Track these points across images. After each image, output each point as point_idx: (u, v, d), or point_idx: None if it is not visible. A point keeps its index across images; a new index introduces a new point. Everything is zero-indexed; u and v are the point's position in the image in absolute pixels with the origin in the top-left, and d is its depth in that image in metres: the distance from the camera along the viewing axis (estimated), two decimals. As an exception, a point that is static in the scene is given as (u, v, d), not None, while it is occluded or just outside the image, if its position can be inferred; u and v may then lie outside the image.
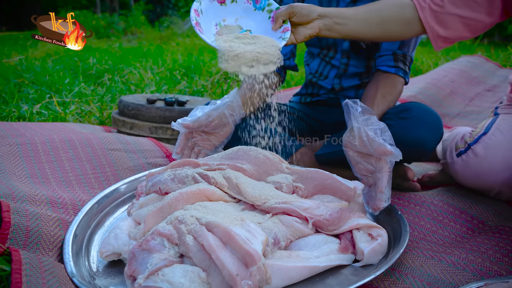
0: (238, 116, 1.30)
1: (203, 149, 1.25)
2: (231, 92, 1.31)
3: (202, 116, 1.21)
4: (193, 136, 1.24)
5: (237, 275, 0.70)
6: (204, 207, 0.83)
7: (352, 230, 0.88)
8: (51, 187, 1.04)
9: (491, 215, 1.05)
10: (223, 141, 1.28)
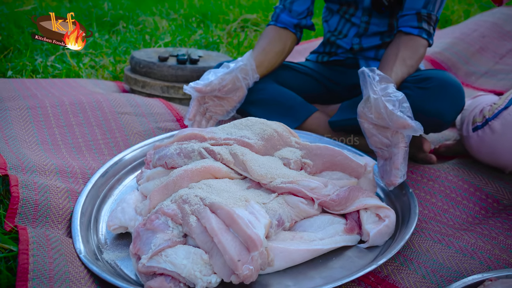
0: (252, 79, 1.26)
1: (214, 115, 1.23)
2: (245, 55, 1.26)
3: (215, 80, 1.17)
4: (205, 102, 1.21)
5: (239, 261, 0.70)
6: (209, 185, 0.82)
7: (360, 210, 0.87)
8: (61, 154, 1.05)
9: (507, 193, 1.01)
10: (235, 105, 1.25)
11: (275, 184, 0.84)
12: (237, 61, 1.24)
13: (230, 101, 1.23)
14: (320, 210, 0.86)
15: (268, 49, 1.32)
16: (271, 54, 1.33)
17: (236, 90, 1.23)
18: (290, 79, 1.43)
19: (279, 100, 1.33)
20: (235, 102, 1.24)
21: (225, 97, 1.22)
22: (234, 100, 1.24)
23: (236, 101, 1.24)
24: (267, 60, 1.30)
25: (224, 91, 1.19)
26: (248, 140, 0.92)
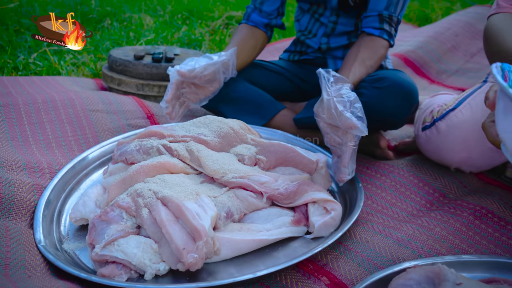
0: (230, 75, 1.29)
1: (188, 101, 1.25)
2: (229, 51, 1.28)
3: (198, 68, 1.20)
4: (182, 87, 1.23)
5: (184, 249, 0.75)
6: (163, 180, 0.87)
7: (308, 203, 0.92)
8: (31, 150, 1.10)
9: (454, 187, 1.07)
10: (209, 95, 1.29)
11: (227, 178, 0.90)
12: (221, 55, 1.27)
13: (206, 90, 1.26)
14: (269, 203, 0.91)
15: (242, 46, 1.36)
16: (244, 50, 1.37)
17: (214, 82, 1.26)
18: (262, 78, 1.48)
19: (248, 99, 1.38)
20: (210, 92, 1.27)
21: (202, 86, 1.25)
22: (210, 90, 1.27)
23: (211, 92, 1.28)
24: (241, 56, 1.34)
25: (203, 80, 1.22)
26: (205, 137, 0.97)
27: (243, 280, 0.72)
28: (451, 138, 1.05)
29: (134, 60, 1.60)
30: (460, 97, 1.14)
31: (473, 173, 1.14)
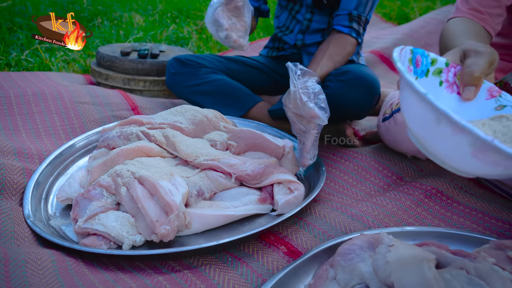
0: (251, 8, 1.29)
1: None
2: None
3: None
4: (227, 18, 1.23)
5: (157, 221, 0.84)
6: (141, 162, 0.96)
7: (274, 184, 1.01)
8: (21, 138, 1.18)
9: (411, 171, 1.17)
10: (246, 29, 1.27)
11: (199, 161, 0.99)
12: None
13: (242, 23, 1.25)
14: (238, 183, 1.01)
15: None
16: None
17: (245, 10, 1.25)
18: (241, 73, 1.57)
19: (227, 91, 1.47)
20: (245, 25, 1.25)
21: (237, 16, 1.24)
22: (245, 22, 1.25)
23: (246, 25, 1.25)
24: None
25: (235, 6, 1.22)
26: (180, 124, 1.06)
27: (208, 247, 0.81)
28: (405, 129, 1.15)
29: (121, 56, 1.69)
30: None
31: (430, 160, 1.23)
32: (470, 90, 0.62)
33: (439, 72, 0.65)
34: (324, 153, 1.24)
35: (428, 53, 0.64)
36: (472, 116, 0.59)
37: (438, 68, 0.65)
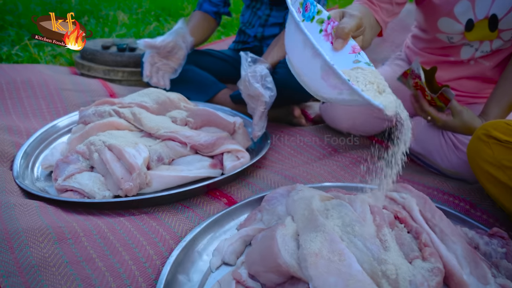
0: (189, 42, 1.58)
1: (165, 73, 1.55)
2: (178, 22, 1.59)
3: (159, 38, 1.51)
4: (155, 62, 1.53)
5: (122, 179, 1.04)
6: (111, 134, 1.16)
7: (223, 152, 1.21)
8: (11, 118, 1.37)
9: (345, 145, 1.37)
10: (180, 63, 1.57)
11: (160, 133, 1.19)
12: (174, 27, 1.58)
13: (175, 60, 1.55)
14: (193, 152, 1.21)
15: (196, 28, 1.68)
16: (199, 31, 1.68)
17: (178, 49, 1.54)
18: (208, 63, 1.78)
19: (194, 79, 1.67)
20: (178, 60, 1.55)
21: (170, 56, 1.54)
22: (177, 58, 1.55)
23: (179, 60, 1.56)
24: (196, 36, 1.65)
25: (168, 48, 1.51)
26: (145, 103, 1.26)
27: (163, 196, 1.01)
28: (339, 110, 1.36)
29: (102, 50, 1.88)
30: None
31: (365, 136, 1.44)
32: (339, 42, 0.77)
33: (321, 22, 0.79)
34: (274, 131, 1.44)
35: (316, 4, 0.80)
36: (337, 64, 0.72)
37: (321, 18, 0.79)
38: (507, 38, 1.17)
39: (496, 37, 1.18)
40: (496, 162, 0.92)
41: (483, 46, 1.22)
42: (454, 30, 1.20)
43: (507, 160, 0.91)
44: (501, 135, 0.92)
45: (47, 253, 0.76)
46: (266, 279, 0.72)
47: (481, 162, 0.95)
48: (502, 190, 0.93)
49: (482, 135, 0.95)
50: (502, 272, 0.79)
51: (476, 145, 0.97)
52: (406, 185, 0.89)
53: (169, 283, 0.76)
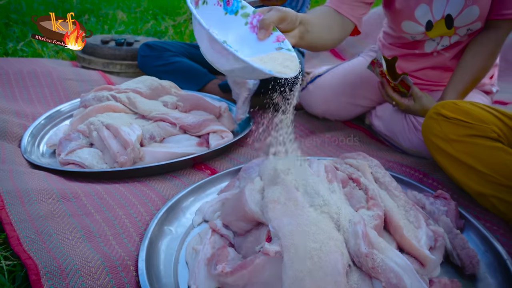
0: None
1: None
2: None
3: None
4: None
5: (117, 152, 1.18)
6: (108, 115, 1.30)
7: (210, 133, 1.35)
8: (18, 104, 1.51)
9: (322, 128, 1.51)
10: None
11: (152, 115, 1.33)
12: None
13: None
14: (182, 132, 1.34)
15: None
16: None
17: None
18: (200, 56, 1.91)
19: (186, 70, 1.81)
20: None
21: None
22: None
23: None
24: None
25: None
26: (140, 89, 1.40)
27: (153, 167, 1.15)
28: (315, 96, 1.50)
29: (101, 44, 2.02)
30: (330, 67, 1.59)
31: (339, 121, 1.58)
32: (262, 32, 0.86)
33: (246, 16, 0.88)
34: (255, 117, 1.58)
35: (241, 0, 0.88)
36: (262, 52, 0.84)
37: (246, 13, 0.88)
38: (463, 33, 1.31)
39: (454, 34, 1.31)
40: (444, 136, 1.06)
41: (443, 40, 1.36)
42: (416, 31, 1.33)
43: (453, 134, 1.05)
44: (448, 112, 1.06)
45: (52, 208, 0.90)
46: (237, 227, 0.86)
47: (432, 137, 1.09)
48: (449, 161, 1.07)
49: (432, 114, 1.09)
50: (441, 225, 0.92)
51: (427, 122, 1.10)
52: (361, 153, 1.03)
53: (156, 233, 0.90)
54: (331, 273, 0.70)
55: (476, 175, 1.02)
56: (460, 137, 1.03)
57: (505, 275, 0.83)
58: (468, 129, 1.02)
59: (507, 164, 0.98)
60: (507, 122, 1.04)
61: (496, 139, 1.01)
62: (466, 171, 1.03)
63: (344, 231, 0.75)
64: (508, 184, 0.97)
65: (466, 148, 1.02)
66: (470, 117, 1.03)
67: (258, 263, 0.73)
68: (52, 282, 0.68)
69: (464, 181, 1.04)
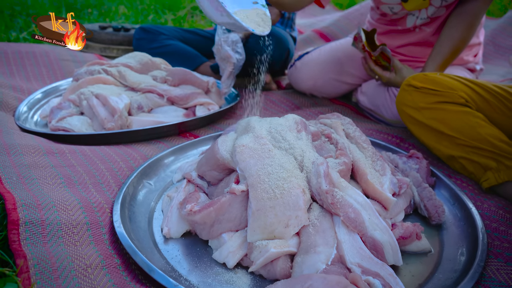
0: None
1: None
2: None
3: None
4: None
5: (105, 119, 1.23)
6: (99, 87, 1.35)
7: (197, 105, 1.40)
8: (16, 80, 1.57)
9: (308, 104, 1.55)
10: None
11: (141, 87, 1.37)
12: None
13: None
14: (170, 103, 1.39)
15: None
16: None
17: None
18: (193, 40, 1.97)
19: (180, 53, 1.86)
20: None
21: None
22: None
23: None
24: None
25: None
26: (130, 64, 1.45)
27: (139, 131, 1.19)
28: (302, 72, 1.54)
29: (99, 30, 2.08)
30: (318, 46, 1.63)
31: (327, 98, 1.62)
32: None
33: None
34: (245, 95, 1.62)
35: None
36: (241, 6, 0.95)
37: None
38: (437, 4, 1.34)
39: (429, 5, 1.35)
40: (415, 105, 1.09)
41: (421, 13, 1.39)
42: (392, 0, 1.37)
43: (422, 102, 1.08)
44: (418, 83, 1.09)
45: (37, 159, 0.95)
46: (210, 176, 0.90)
47: (404, 108, 1.12)
48: (421, 129, 1.10)
49: (404, 86, 1.13)
50: (410, 179, 0.95)
51: (400, 94, 1.14)
52: (336, 113, 1.06)
53: (135, 185, 0.94)
54: (293, 208, 0.73)
55: (445, 139, 1.05)
56: (430, 104, 1.06)
57: (469, 222, 0.86)
58: (436, 97, 1.06)
59: (474, 126, 1.01)
60: (475, 89, 1.07)
61: (464, 104, 1.04)
62: (436, 137, 1.06)
63: (308, 172, 0.78)
64: (476, 145, 1.00)
65: (435, 114, 1.06)
66: (438, 85, 1.06)
67: (224, 201, 0.77)
68: (27, 212, 0.72)
69: (435, 146, 1.07)
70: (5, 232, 0.70)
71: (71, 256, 0.67)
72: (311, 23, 2.64)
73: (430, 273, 0.76)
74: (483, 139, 1.00)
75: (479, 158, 1.00)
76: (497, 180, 0.98)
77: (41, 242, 0.69)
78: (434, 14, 1.37)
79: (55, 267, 0.64)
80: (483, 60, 1.88)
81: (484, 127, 1.01)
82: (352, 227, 0.72)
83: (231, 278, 0.73)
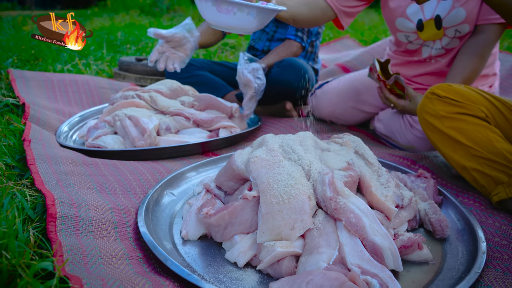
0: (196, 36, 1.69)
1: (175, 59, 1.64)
2: (186, 19, 1.73)
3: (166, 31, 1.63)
4: (164, 51, 1.63)
5: (136, 137, 1.34)
6: (132, 110, 1.48)
7: (220, 128, 1.50)
8: (59, 104, 1.73)
9: (325, 130, 1.62)
10: (188, 54, 1.66)
11: (170, 110, 1.49)
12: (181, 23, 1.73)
13: (183, 51, 1.66)
14: (195, 126, 1.50)
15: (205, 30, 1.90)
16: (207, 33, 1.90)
17: (186, 42, 1.65)
18: (220, 71, 2.11)
19: (208, 83, 2.00)
20: (187, 51, 1.65)
21: (178, 47, 1.64)
22: (186, 50, 1.65)
23: (187, 51, 1.65)
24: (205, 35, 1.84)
25: (176, 39, 1.62)
26: (161, 90, 1.58)
27: (166, 148, 1.29)
28: (321, 99, 1.63)
29: (135, 62, 2.26)
30: (338, 76, 1.72)
31: (346, 126, 1.69)
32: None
33: None
34: (269, 120, 1.72)
35: None
36: None
37: None
38: (451, 35, 1.41)
39: (443, 35, 1.42)
40: (435, 113, 1.13)
41: (436, 44, 1.47)
42: (408, 28, 1.46)
43: (443, 111, 1.12)
44: (441, 92, 1.14)
45: (74, 168, 1.06)
46: (227, 186, 0.98)
47: (424, 115, 1.16)
48: (439, 136, 1.12)
49: (428, 94, 1.16)
50: (416, 195, 1.00)
51: (423, 102, 1.17)
52: (347, 133, 1.13)
53: (159, 193, 1.03)
54: (299, 212, 0.80)
55: (461, 149, 1.08)
56: (450, 114, 1.10)
57: (471, 236, 0.89)
58: (457, 108, 1.09)
59: (490, 140, 1.04)
60: (496, 104, 1.11)
61: (483, 119, 1.08)
62: (453, 146, 1.09)
63: (314, 181, 0.85)
64: (490, 157, 1.03)
65: (455, 123, 1.09)
66: (461, 97, 1.10)
67: (237, 205, 0.84)
68: (63, 208, 0.82)
69: (451, 155, 1.10)
70: (44, 224, 0.80)
71: (99, 247, 0.76)
72: (335, 58, 2.76)
73: (430, 280, 0.80)
74: (499, 152, 1.03)
75: (492, 171, 1.03)
76: (507, 194, 1.00)
77: (74, 234, 0.78)
78: (448, 45, 1.45)
79: (85, 254, 0.73)
80: (501, 92, 1.91)
81: (501, 142, 1.04)
82: (353, 231, 0.78)
83: (241, 275, 0.79)
